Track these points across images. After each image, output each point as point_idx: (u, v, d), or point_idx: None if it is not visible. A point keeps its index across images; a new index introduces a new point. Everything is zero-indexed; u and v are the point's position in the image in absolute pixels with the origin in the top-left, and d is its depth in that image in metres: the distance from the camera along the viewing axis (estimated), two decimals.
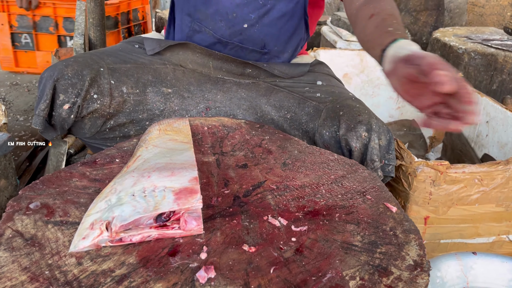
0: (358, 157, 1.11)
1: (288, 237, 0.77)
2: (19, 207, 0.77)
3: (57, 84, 1.13)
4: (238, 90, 1.31)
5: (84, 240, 0.70)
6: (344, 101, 1.21)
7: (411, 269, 0.71)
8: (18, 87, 2.83)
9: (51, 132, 1.20)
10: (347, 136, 1.12)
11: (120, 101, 1.22)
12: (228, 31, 1.28)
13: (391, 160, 1.12)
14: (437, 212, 1.27)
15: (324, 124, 1.19)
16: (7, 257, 0.67)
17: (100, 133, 1.23)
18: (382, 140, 1.11)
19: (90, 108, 1.18)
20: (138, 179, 0.81)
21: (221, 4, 1.25)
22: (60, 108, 1.14)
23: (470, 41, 2.69)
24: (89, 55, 1.24)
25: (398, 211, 0.86)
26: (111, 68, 1.22)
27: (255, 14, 1.25)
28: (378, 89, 2.34)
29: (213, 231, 0.77)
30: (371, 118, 1.13)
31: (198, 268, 0.68)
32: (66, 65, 1.16)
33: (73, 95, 1.14)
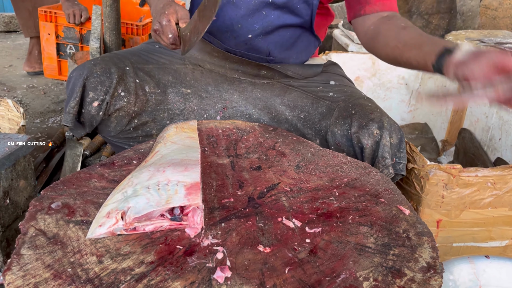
0: (370, 154, 1.12)
1: (302, 238, 0.79)
2: (41, 207, 0.80)
3: (87, 82, 1.17)
4: (253, 90, 1.34)
5: (100, 227, 0.74)
6: (357, 100, 1.22)
7: (424, 271, 0.72)
8: (35, 89, 2.88)
9: (80, 130, 1.24)
10: (359, 134, 1.14)
11: (143, 99, 1.25)
12: (234, 41, 1.31)
13: (402, 158, 1.13)
14: (450, 216, 1.27)
15: (336, 123, 1.20)
16: (31, 255, 0.69)
17: (124, 132, 1.27)
18: (394, 138, 1.12)
19: (117, 105, 1.21)
20: (153, 173, 0.84)
21: (227, 16, 1.28)
22: (89, 105, 1.18)
23: (483, 45, 2.67)
24: (114, 54, 1.29)
25: (411, 214, 0.86)
26: (136, 67, 1.27)
27: (259, 24, 1.27)
28: (390, 92, 2.34)
29: (228, 232, 0.79)
30: (383, 116, 1.14)
31: (214, 268, 0.70)
32: (95, 64, 1.20)
33: (102, 92, 1.18)
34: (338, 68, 1.51)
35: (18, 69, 3.22)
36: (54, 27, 2.42)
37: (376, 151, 1.11)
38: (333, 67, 1.49)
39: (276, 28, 1.28)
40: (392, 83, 2.32)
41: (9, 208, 1.20)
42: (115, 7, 1.92)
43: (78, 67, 1.21)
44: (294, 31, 1.32)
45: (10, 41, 3.87)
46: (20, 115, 1.71)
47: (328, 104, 1.26)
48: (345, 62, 2.19)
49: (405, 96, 2.37)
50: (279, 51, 1.34)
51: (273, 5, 1.25)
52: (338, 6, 4.19)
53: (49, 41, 2.46)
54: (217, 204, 0.86)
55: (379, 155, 1.11)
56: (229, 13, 1.27)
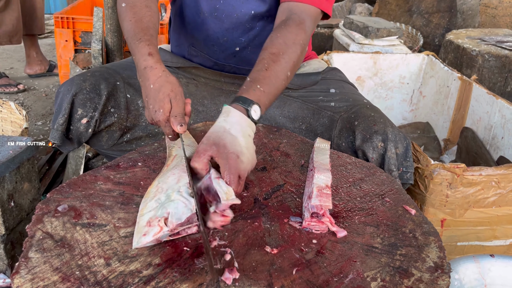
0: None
1: (309, 239, 0.79)
2: (48, 210, 0.80)
3: (75, 98, 1.14)
4: None
5: (145, 236, 0.73)
6: (359, 110, 1.20)
7: (431, 270, 0.72)
8: (36, 92, 2.88)
9: (68, 146, 1.21)
10: (364, 147, 1.12)
11: (136, 114, 1.23)
12: (222, 55, 1.29)
13: (409, 167, 1.12)
14: (454, 215, 1.28)
15: (340, 135, 1.19)
16: (38, 258, 0.69)
17: (117, 145, 1.25)
18: (399, 149, 1.11)
19: (107, 122, 1.19)
20: (180, 175, 0.84)
21: (211, 30, 1.25)
22: (78, 122, 1.15)
23: (483, 43, 2.68)
24: (105, 69, 1.25)
25: (417, 214, 0.86)
26: (127, 82, 1.23)
27: (245, 37, 1.25)
28: (392, 92, 2.34)
29: (235, 233, 0.79)
30: (387, 127, 1.12)
31: (222, 269, 0.70)
32: (84, 80, 1.16)
33: (91, 109, 1.15)
34: (337, 72, 1.47)
35: (19, 72, 3.22)
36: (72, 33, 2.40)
37: (382, 164, 1.10)
38: (332, 72, 1.45)
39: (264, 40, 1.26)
40: (394, 83, 2.32)
41: (13, 211, 1.20)
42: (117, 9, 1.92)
43: (67, 82, 1.18)
44: None
45: None
46: (23, 118, 1.72)
47: (330, 115, 1.24)
48: (346, 62, 2.19)
49: (406, 95, 2.37)
50: None
51: (257, 17, 1.22)
52: (338, 6, 4.19)
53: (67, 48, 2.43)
54: None
55: (385, 168, 1.10)
56: (212, 27, 1.25)
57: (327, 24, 3.58)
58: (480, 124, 1.85)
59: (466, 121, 1.94)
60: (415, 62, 2.28)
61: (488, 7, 4.34)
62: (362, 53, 2.24)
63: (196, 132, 1.14)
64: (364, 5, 4.17)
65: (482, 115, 1.83)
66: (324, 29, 3.53)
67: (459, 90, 1.98)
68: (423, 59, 2.27)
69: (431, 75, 2.23)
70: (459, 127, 1.98)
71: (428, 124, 2.28)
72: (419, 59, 2.28)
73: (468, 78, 1.94)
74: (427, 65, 2.27)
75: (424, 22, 3.74)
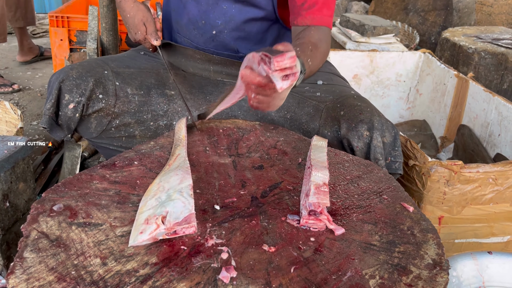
0: (362, 157, 1.10)
1: (307, 237, 0.78)
2: (43, 209, 0.79)
3: (63, 85, 1.20)
4: None
5: (142, 234, 0.73)
6: (345, 100, 1.20)
7: (430, 268, 0.72)
8: (31, 91, 2.86)
9: (59, 132, 1.26)
10: (348, 136, 1.12)
11: (125, 101, 1.26)
12: (202, 39, 1.33)
13: (398, 156, 1.11)
14: (452, 212, 1.27)
15: (325, 124, 1.19)
16: (34, 258, 0.68)
17: (106, 131, 1.28)
18: (387, 137, 1.10)
19: (95, 107, 1.24)
20: (183, 176, 0.85)
21: (191, 13, 1.30)
22: (65, 107, 1.21)
23: (480, 41, 2.68)
24: (94, 60, 1.32)
25: (415, 211, 0.86)
26: (115, 71, 1.29)
27: (221, 20, 1.28)
28: (388, 90, 2.34)
29: (232, 232, 0.78)
30: (373, 116, 1.12)
31: (220, 268, 0.69)
32: (72, 68, 1.23)
33: (77, 95, 1.21)
34: (328, 65, 1.47)
35: (14, 72, 3.20)
36: (67, 32, 2.39)
37: (367, 153, 1.10)
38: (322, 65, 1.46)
39: (242, 23, 1.28)
40: (390, 81, 2.32)
41: (8, 211, 1.19)
42: (112, 8, 1.90)
43: (57, 72, 1.25)
44: (260, 25, 1.30)
45: (6, 43, 3.84)
46: (18, 117, 1.70)
47: (315, 104, 1.24)
48: (343, 60, 2.19)
49: (403, 93, 2.37)
50: (247, 47, 1.32)
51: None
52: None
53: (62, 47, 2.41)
54: (220, 204, 0.85)
55: (371, 157, 1.09)
56: (192, 10, 1.30)
57: None
58: (477, 122, 1.85)
59: (462, 118, 1.95)
60: (412, 60, 2.29)
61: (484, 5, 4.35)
62: (359, 51, 2.24)
63: (193, 130, 1.13)
64: (360, 3, 4.17)
65: (479, 113, 1.83)
66: None
67: (455, 87, 1.98)
68: (420, 57, 2.27)
69: (428, 72, 2.23)
70: (455, 125, 1.98)
71: (425, 122, 2.28)
72: (415, 57, 2.28)
73: (465, 76, 1.94)
74: (424, 63, 2.27)
75: (420, 20, 3.74)
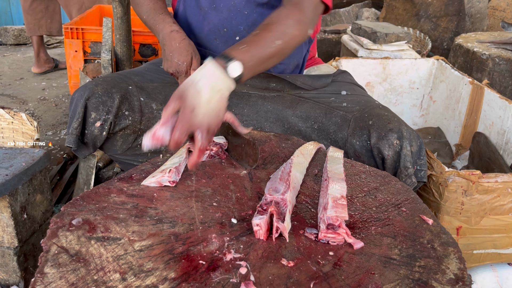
0: (392, 165, 1.11)
1: (325, 251, 0.77)
2: (62, 224, 0.80)
3: (88, 102, 1.17)
4: (264, 103, 1.33)
5: (152, 178, 0.94)
6: (372, 110, 1.21)
7: (452, 283, 0.71)
8: (46, 102, 2.90)
9: (84, 150, 1.24)
10: (379, 145, 1.12)
11: (150, 117, 1.25)
12: (224, 47, 1.29)
13: (423, 165, 1.13)
14: (470, 222, 1.26)
15: (354, 134, 1.19)
16: (54, 273, 0.69)
17: (131, 149, 1.26)
18: (414, 147, 1.11)
19: (122, 125, 1.21)
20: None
21: (212, 23, 1.28)
22: (92, 125, 1.18)
23: (493, 47, 2.65)
24: (116, 74, 1.28)
25: (434, 223, 0.85)
26: (140, 86, 1.26)
27: (243, 25, 1.27)
28: (401, 97, 2.33)
29: (251, 246, 0.78)
30: (401, 125, 1.13)
31: (239, 283, 0.69)
32: (96, 84, 1.19)
33: (104, 112, 1.17)
34: (348, 75, 1.48)
35: (29, 82, 3.25)
36: (81, 43, 2.43)
37: (397, 162, 1.11)
38: (342, 75, 1.46)
39: None
40: (404, 88, 2.31)
41: (26, 223, 1.20)
42: (126, 19, 1.93)
43: (80, 88, 1.21)
44: None
45: (20, 54, 3.91)
46: (34, 129, 1.72)
47: (342, 115, 1.25)
48: (355, 68, 2.18)
49: (416, 100, 2.35)
50: None
51: (254, 3, 1.23)
52: (345, 11, 4.18)
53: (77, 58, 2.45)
54: (237, 217, 0.85)
55: (401, 165, 1.10)
56: (213, 20, 1.28)
57: (335, 30, 3.58)
58: (493, 129, 1.82)
59: (478, 126, 1.92)
60: (425, 67, 2.27)
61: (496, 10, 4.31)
62: (371, 59, 2.23)
63: None
64: (371, 9, 4.16)
65: (495, 120, 1.81)
66: (332, 34, 3.53)
67: (470, 94, 1.96)
68: (433, 64, 2.26)
69: (441, 79, 2.21)
70: (471, 132, 1.96)
71: (439, 129, 2.26)
72: (428, 64, 2.26)
73: (480, 83, 1.92)
74: (437, 69, 2.25)
75: (432, 26, 3.72)
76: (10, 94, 3.01)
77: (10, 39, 4.13)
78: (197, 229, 0.81)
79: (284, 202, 0.83)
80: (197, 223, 0.83)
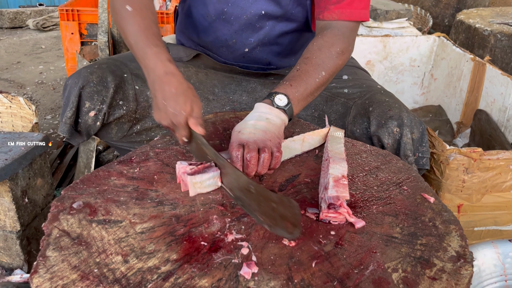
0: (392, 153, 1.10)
1: (327, 230, 0.77)
2: (63, 207, 0.79)
3: (83, 91, 1.13)
4: (263, 90, 1.30)
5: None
6: (373, 96, 1.18)
7: (454, 260, 0.71)
8: (44, 85, 2.88)
9: (77, 138, 1.21)
10: (379, 133, 1.11)
11: (145, 106, 1.22)
12: (231, 56, 1.27)
13: (425, 152, 1.11)
14: (471, 200, 1.26)
15: (354, 121, 1.17)
16: (56, 257, 0.69)
17: (127, 137, 1.24)
18: (415, 134, 1.09)
19: (116, 115, 1.18)
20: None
21: (220, 32, 1.22)
22: (86, 115, 1.15)
23: (495, 22, 2.62)
24: (112, 61, 1.24)
25: (436, 202, 0.85)
26: (135, 73, 1.22)
27: (254, 38, 1.22)
28: (402, 75, 2.31)
29: (252, 226, 0.78)
30: (402, 112, 1.11)
31: (241, 264, 0.69)
32: (91, 72, 1.15)
33: (98, 102, 1.14)
34: (350, 59, 1.44)
35: (26, 66, 3.22)
36: (77, 25, 2.39)
37: (397, 150, 1.09)
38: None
39: (274, 38, 1.23)
40: (404, 66, 2.28)
41: (27, 207, 1.20)
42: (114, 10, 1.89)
43: (74, 75, 1.17)
44: (291, 37, 1.26)
45: (17, 37, 3.86)
46: (33, 113, 1.71)
47: (343, 102, 1.23)
48: (356, 46, 2.14)
49: (417, 78, 2.33)
50: (279, 58, 1.29)
51: (267, 17, 1.19)
52: None
53: (73, 41, 2.41)
54: None
55: (400, 153, 1.09)
56: (221, 29, 1.22)
57: None
58: (494, 106, 1.81)
59: (479, 103, 1.91)
60: (426, 44, 2.24)
61: None
62: (372, 37, 2.21)
63: (207, 124, 1.13)
64: None
65: (496, 97, 1.79)
66: None
67: (472, 71, 1.94)
68: (434, 41, 2.23)
69: (443, 57, 2.19)
70: (472, 110, 1.95)
71: (440, 107, 2.25)
72: (430, 41, 2.23)
73: (481, 59, 1.90)
74: (438, 47, 2.22)
75: (433, 2, 3.67)
76: (8, 78, 2.98)
77: (5, 23, 4.08)
78: (198, 211, 0.81)
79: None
80: (198, 205, 0.83)
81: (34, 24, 3.99)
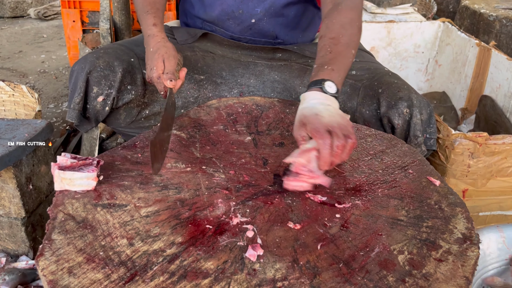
0: (401, 134, 1.10)
1: (332, 213, 0.77)
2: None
3: (90, 76, 1.12)
4: (270, 73, 1.30)
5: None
6: (382, 77, 1.18)
7: (460, 242, 0.71)
8: (46, 74, 2.87)
9: (86, 125, 1.21)
10: (389, 114, 1.10)
11: (153, 90, 1.21)
12: (238, 28, 1.26)
13: (433, 133, 1.11)
14: (476, 185, 1.25)
15: (363, 103, 1.17)
16: (62, 240, 0.69)
17: (135, 122, 1.24)
18: (424, 115, 1.09)
19: (125, 99, 1.17)
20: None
21: (226, 4, 1.22)
22: (94, 100, 1.14)
23: (501, 8, 2.59)
24: (117, 45, 1.23)
25: (441, 185, 0.84)
26: (142, 58, 1.20)
27: (260, 7, 1.22)
28: (406, 62, 2.29)
29: (257, 210, 0.78)
30: (411, 93, 1.11)
31: (246, 246, 0.69)
32: (97, 57, 1.14)
33: (106, 87, 1.13)
34: None
35: (28, 55, 3.21)
36: (79, 13, 2.36)
37: (407, 130, 1.09)
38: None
39: (279, 9, 1.23)
40: (408, 52, 2.26)
41: (32, 193, 1.20)
42: None
43: (80, 61, 1.16)
44: (297, 9, 1.26)
45: (18, 26, 3.85)
46: (35, 101, 1.71)
47: (351, 83, 1.22)
48: None
49: (421, 65, 2.31)
50: (285, 32, 1.29)
51: None
52: None
53: (75, 29, 2.38)
54: (242, 182, 0.85)
55: (410, 134, 1.08)
56: (226, 1, 1.22)
57: None
58: (500, 92, 1.79)
59: (484, 89, 1.89)
60: (430, 30, 2.22)
61: None
62: (375, 23, 2.18)
63: (211, 109, 1.12)
64: None
65: (502, 82, 1.78)
66: None
67: (477, 57, 1.92)
68: (439, 27, 2.20)
69: (447, 42, 2.16)
70: (477, 96, 1.93)
71: (445, 94, 2.23)
72: (434, 27, 2.21)
73: (487, 45, 1.88)
74: (443, 32, 2.20)
75: None
76: (10, 68, 2.98)
77: (7, 12, 4.06)
78: (203, 195, 0.81)
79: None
80: (203, 189, 0.82)
81: (36, 13, 3.97)
